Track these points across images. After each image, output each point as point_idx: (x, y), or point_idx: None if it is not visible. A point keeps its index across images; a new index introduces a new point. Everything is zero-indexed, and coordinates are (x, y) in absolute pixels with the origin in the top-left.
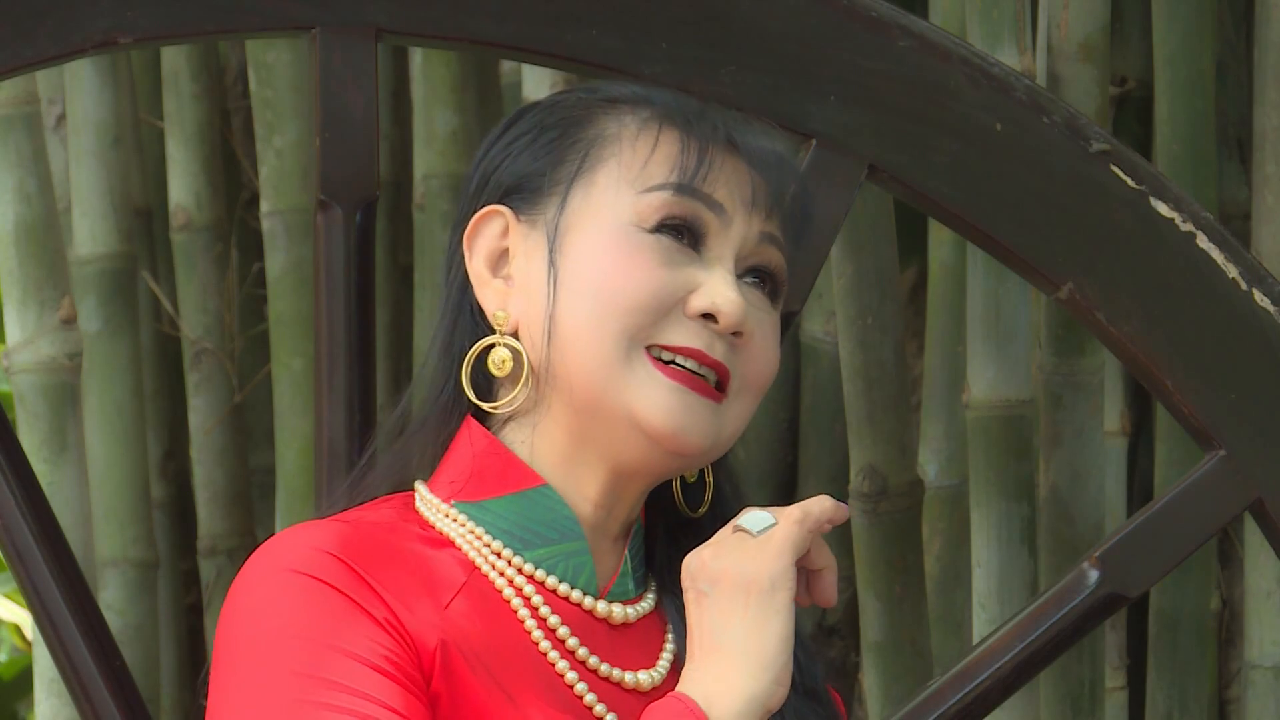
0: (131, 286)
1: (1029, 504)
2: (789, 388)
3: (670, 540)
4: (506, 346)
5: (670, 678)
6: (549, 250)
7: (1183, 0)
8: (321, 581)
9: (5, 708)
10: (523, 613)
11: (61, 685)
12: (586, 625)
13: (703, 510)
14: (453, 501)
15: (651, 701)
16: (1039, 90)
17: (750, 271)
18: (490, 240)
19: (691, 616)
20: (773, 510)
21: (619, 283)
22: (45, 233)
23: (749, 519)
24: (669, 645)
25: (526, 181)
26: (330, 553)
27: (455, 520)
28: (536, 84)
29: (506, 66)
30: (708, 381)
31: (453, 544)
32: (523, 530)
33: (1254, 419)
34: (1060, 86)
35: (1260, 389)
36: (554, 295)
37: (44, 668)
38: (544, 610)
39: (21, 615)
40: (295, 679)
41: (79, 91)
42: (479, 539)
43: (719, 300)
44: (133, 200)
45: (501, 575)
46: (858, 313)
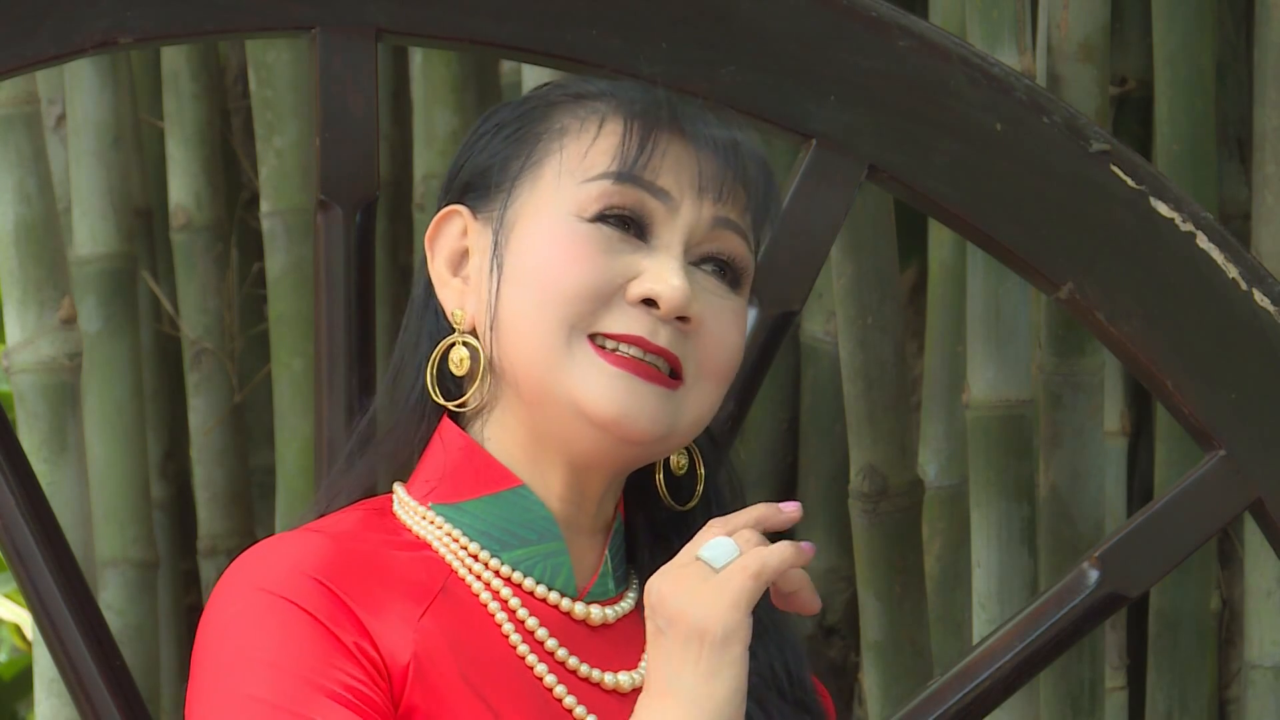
0: (131, 286)
1: (1029, 504)
2: (789, 388)
3: (654, 536)
4: (465, 345)
5: None
6: (493, 245)
7: (1183, 0)
8: (297, 606)
9: (5, 708)
10: (500, 616)
11: (61, 685)
12: (565, 627)
13: (693, 504)
14: (430, 504)
15: (632, 702)
16: (1039, 90)
17: (707, 259)
18: (451, 240)
19: (649, 649)
20: (737, 536)
21: (557, 272)
22: (45, 233)
23: (710, 550)
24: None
25: (479, 179)
26: (307, 574)
27: (432, 523)
28: (536, 84)
29: (506, 66)
30: (657, 369)
31: (429, 547)
32: (500, 531)
33: (1254, 419)
34: (1060, 86)
35: (1260, 389)
36: (497, 289)
37: (44, 668)
38: (521, 613)
39: (21, 615)
40: (261, 707)
41: (79, 91)
42: (455, 541)
43: (658, 285)
44: (133, 200)
45: (478, 579)
46: (858, 313)
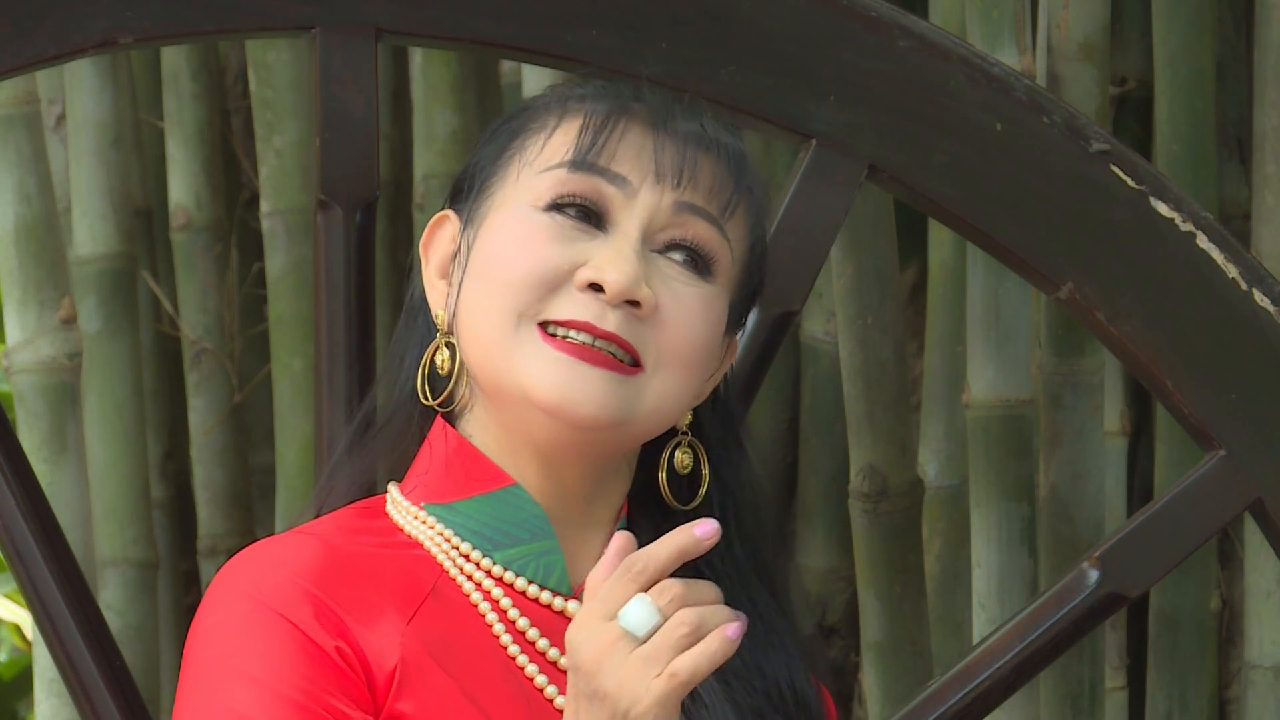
0: (131, 286)
1: (1029, 504)
2: (789, 388)
3: (657, 535)
4: (447, 345)
5: None
6: (461, 244)
7: (1183, 0)
8: (283, 618)
9: (5, 708)
10: (490, 617)
11: (61, 685)
12: (558, 626)
13: (696, 504)
14: (423, 504)
15: None
16: (1039, 90)
17: (674, 245)
18: (442, 245)
19: (567, 705)
20: (659, 593)
21: (505, 261)
22: (45, 233)
23: (631, 618)
24: None
25: (463, 182)
26: (296, 580)
27: (424, 523)
28: (536, 84)
29: (506, 66)
30: (610, 354)
31: (421, 548)
32: (492, 531)
33: (1254, 419)
34: (1060, 86)
35: (1260, 389)
36: (460, 286)
37: (44, 668)
38: (513, 613)
39: (21, 615)
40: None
41: (79, 91)
42: (447, 541)
43: (604, 270)
44: (133, 200)
45: (470, 579)
46: (858, 313)
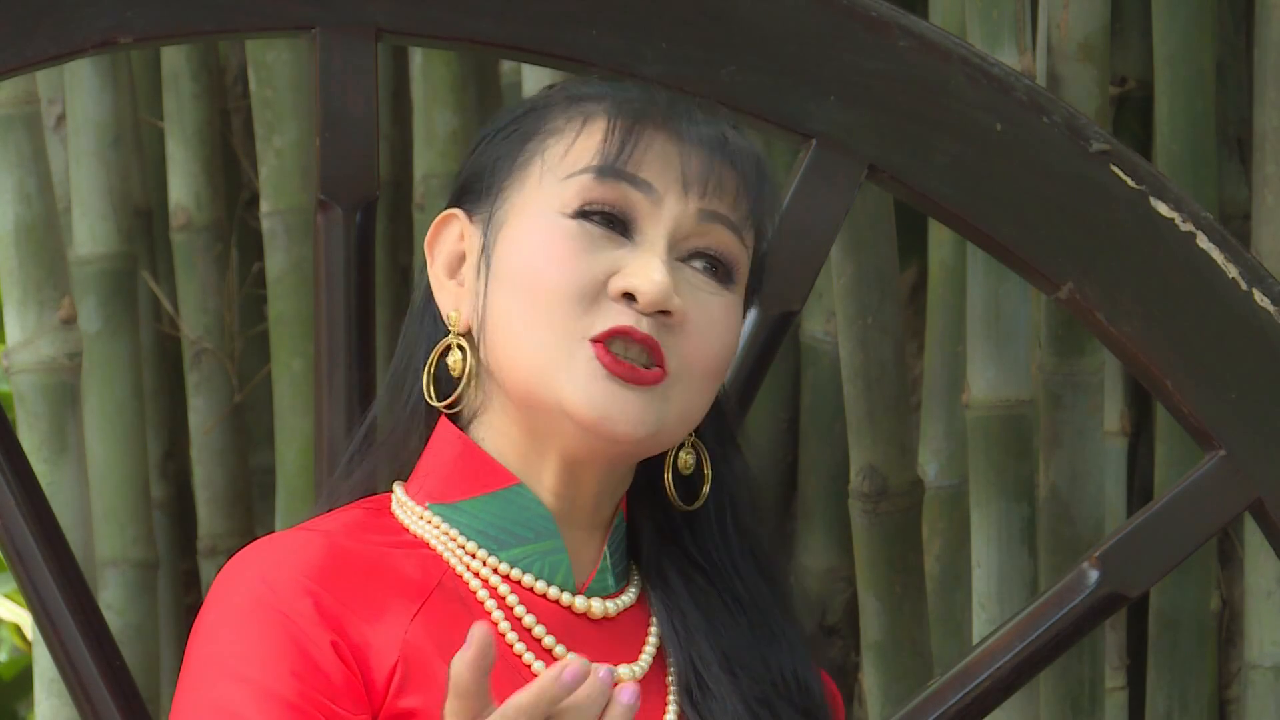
0: (131, 286)
1: (1029, 504)
2: (789, 388)
3: (658, 532)
4: (459, 347)
5: (653, 670)
6: (482, 247)
7: (1183, 0)
8: (282, 614)
9: (5, 708)
10: (496, 615)
11: (61, 685)
12: (566, 622)
13: (698, 504)
14: (428, 504)
15: None
16: (1039, 90)
17: (696, 254)
18: (449, 244)
19: None
20: None
21: (539, 272)
22: (45, 233)
23: None
24: (652, 638)
25: (473, 182)
26: (298, 577)
27: (430, 523)
28: (536, 84)
29: (506, 66)
30: (643, 365)
31: (427, 546)
32: (498, 530)
33: (1254, 419)
34: (1060, 86)
35: (1260, 389)
36: (485, 291)
37: (44, 668)
38: (519, 610)
39: (21, 615)
40: (229, 717)
41: (79, 91)
42: (453, 540)
43: (637, 280)
44: (133, 200)
45: (476, 576)
46: (858, 313)
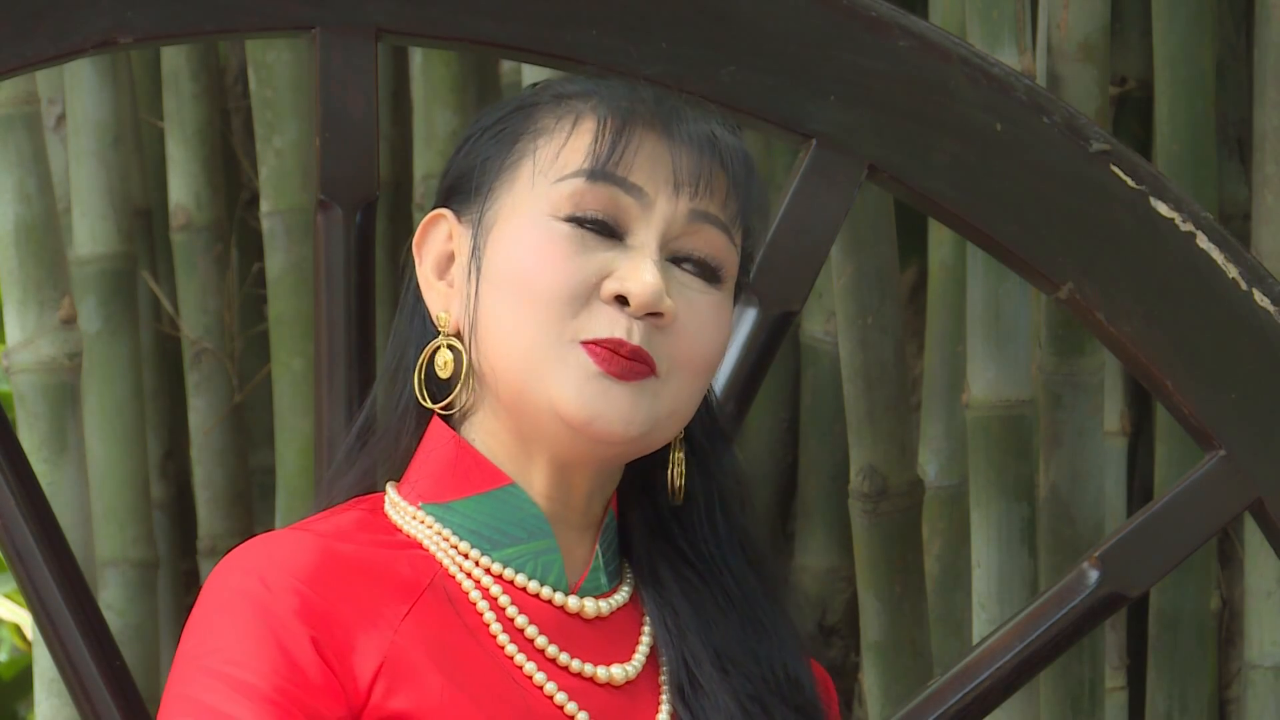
0: (131, 286)
1: (1029, 504)
2: (789, 388)
3: (649, 530)
4: (449, 348)
5: (646, 670)
6: (472, 248)
7: (1183, 0)
8: (270, 615)
9: (5, 708)
10: (488, 615)
11: (61, 685)
12: (558, 622)
13: (680, 499)
14: (420, 504)
15: (626, 694)
16: (1039, 90)
17: (686, 256)
18: (437, 244)
19: None
20: None
21: (531, 274)
22: (45, 233)
23: None
24: (645, 637)
25: (462, 182)
26: (288, 577)
27: (423, 523)
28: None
29: (506, 66)
30: (632, 360)
31: (420, 546)
32: (490, 530)
33: (1254, 419)
34: (1060, 86)
35: (1260, 389)
36: (475, 293)
37: (44, 668)
38: (511, 610)
39: (21, 615)
40: (213, 716)
41: (79, 91)
42: (446, 540)
43: (629, 283)
44: (133, 200)
45: (469, 577)
46: (858, 313)
